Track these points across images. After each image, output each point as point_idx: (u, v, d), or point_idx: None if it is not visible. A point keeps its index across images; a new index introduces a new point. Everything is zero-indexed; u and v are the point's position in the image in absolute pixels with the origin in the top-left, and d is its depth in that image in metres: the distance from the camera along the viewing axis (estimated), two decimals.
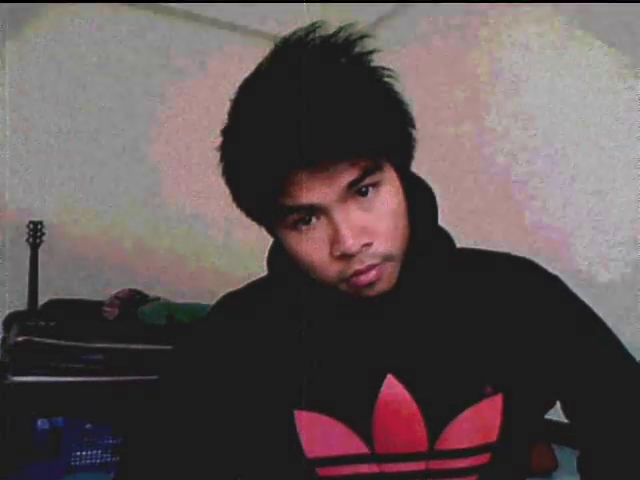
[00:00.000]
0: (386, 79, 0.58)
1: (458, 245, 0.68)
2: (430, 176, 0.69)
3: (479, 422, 0.60)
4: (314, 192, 0.54)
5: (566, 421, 0.68)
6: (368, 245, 0.56)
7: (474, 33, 2.76)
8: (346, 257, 0.56)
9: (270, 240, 0.69)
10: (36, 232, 2.61)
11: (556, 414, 0.69)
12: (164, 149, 3.14)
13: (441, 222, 0.67)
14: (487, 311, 0.65)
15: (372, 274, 0.57)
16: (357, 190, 0.56)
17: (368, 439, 0.60)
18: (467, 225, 2.04)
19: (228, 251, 3.17)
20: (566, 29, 2.34)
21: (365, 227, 0.56)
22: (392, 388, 0.61)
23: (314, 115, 0.52)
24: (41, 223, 2.64)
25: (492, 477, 0.61)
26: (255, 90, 0.57)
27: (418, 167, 0.65)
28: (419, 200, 0.64)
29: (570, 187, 2.31)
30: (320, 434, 0.61)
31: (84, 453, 1.99)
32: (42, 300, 2.49)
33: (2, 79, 2.70)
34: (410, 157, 0.63)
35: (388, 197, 0.58)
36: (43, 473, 1.87)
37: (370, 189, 0.56)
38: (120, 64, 3.06)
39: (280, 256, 0.65)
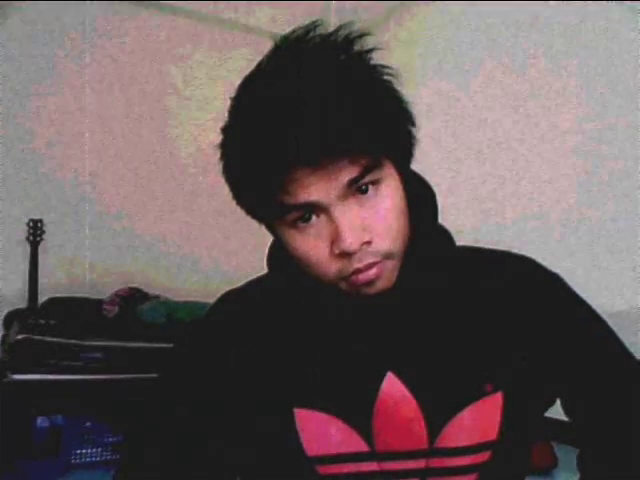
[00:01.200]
0: (386, 77, 0.58)
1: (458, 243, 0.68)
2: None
3: (479, 420, 0.60)
4: (314, 190, 0.54)
5: (566, 419, 0.68)
6: (368, 243, 0.56)
7: None
8: (346, 255, 0.56)
9: (270, 238, 0.69)
10: (36, 230, 2.61)
11: (556, 412, 0.69)
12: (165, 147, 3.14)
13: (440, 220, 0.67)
14: (487, 309, 0.65)
15: (372, 272, 0.57)
16: (357, 188, 0.56)
17: (368, 437, 0.60)
18: None
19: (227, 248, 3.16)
20: None
21: (365, 225, 0.56)
22: (392, 386, 0.61)
23: (314, 113, 0.52)
24: (41, 221, 2.64)
25: (492, 475, 0.61)
26: (255, 88, 0.57)
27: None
28: (419, 198, 0.64)
29: None
30: (320, 432, 0.61)
31: (84, 451, 1.99)
32: (42, 298, 2.49)
33: None
34: (410, 155, 0.62)
35: (388, 195, 0.57)
36: (43, 471, 1.87)
37: (370, 187, 0.56)
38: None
39: (280, 254, 0.65)
